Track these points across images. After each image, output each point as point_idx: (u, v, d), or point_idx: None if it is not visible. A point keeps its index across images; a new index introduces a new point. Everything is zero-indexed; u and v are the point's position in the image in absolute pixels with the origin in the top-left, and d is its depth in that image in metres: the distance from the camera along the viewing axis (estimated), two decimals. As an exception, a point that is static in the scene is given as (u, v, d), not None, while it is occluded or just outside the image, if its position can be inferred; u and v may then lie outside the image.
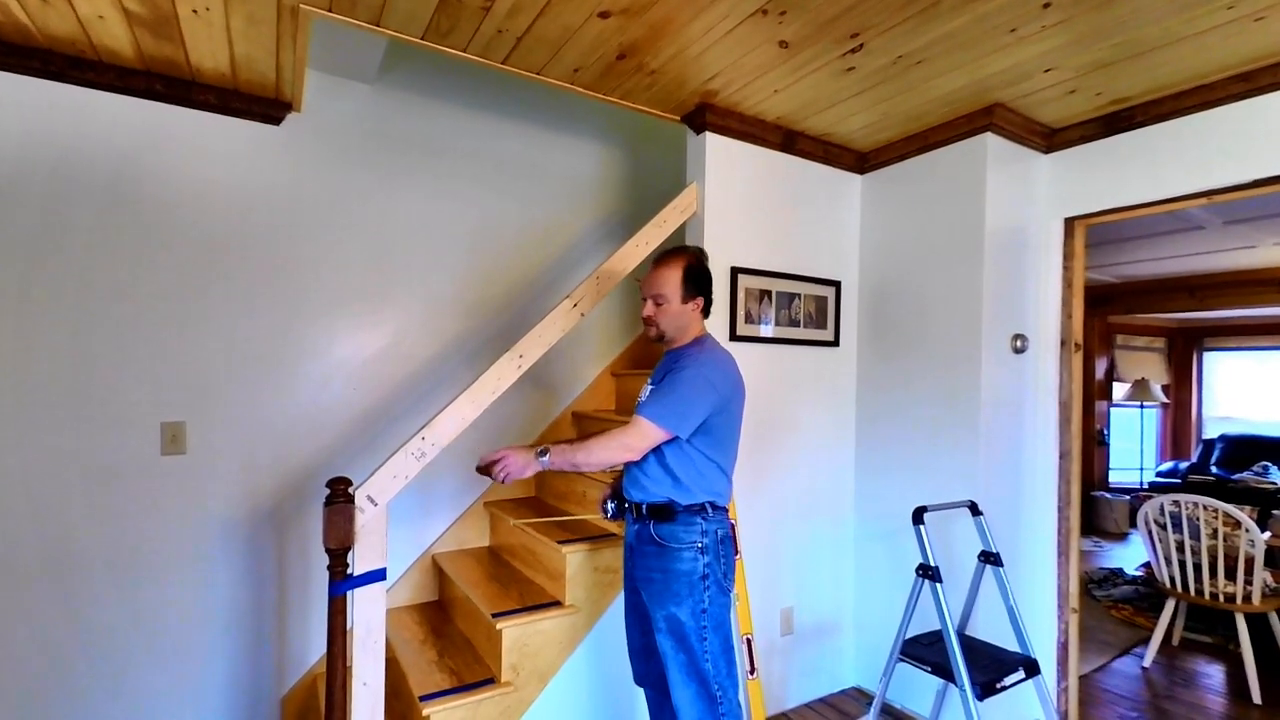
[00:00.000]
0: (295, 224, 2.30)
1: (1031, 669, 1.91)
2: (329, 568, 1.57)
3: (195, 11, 1.66)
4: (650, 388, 1.66)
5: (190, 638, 2.12)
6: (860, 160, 2.69)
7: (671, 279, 1.64)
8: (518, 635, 1.91)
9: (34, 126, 1.90)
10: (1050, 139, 2.39)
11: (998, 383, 2.30)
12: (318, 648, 2.32)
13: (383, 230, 2.48)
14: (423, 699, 1.77)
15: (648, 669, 1.74)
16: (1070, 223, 2.40)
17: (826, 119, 2.35)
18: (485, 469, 1.54)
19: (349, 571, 1.58)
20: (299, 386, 2.31)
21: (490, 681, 1.89)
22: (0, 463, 1.87)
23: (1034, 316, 2.42)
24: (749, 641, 2.17)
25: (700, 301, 1.68)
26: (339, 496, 1.56)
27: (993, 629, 2.13)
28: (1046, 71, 1.95)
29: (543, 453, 1.53)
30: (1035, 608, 2.40)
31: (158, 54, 1.90)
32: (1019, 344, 2.35)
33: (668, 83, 2.09)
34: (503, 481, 1.53)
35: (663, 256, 1.68)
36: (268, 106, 2.21)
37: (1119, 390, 6.56)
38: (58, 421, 1.94)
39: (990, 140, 2.25)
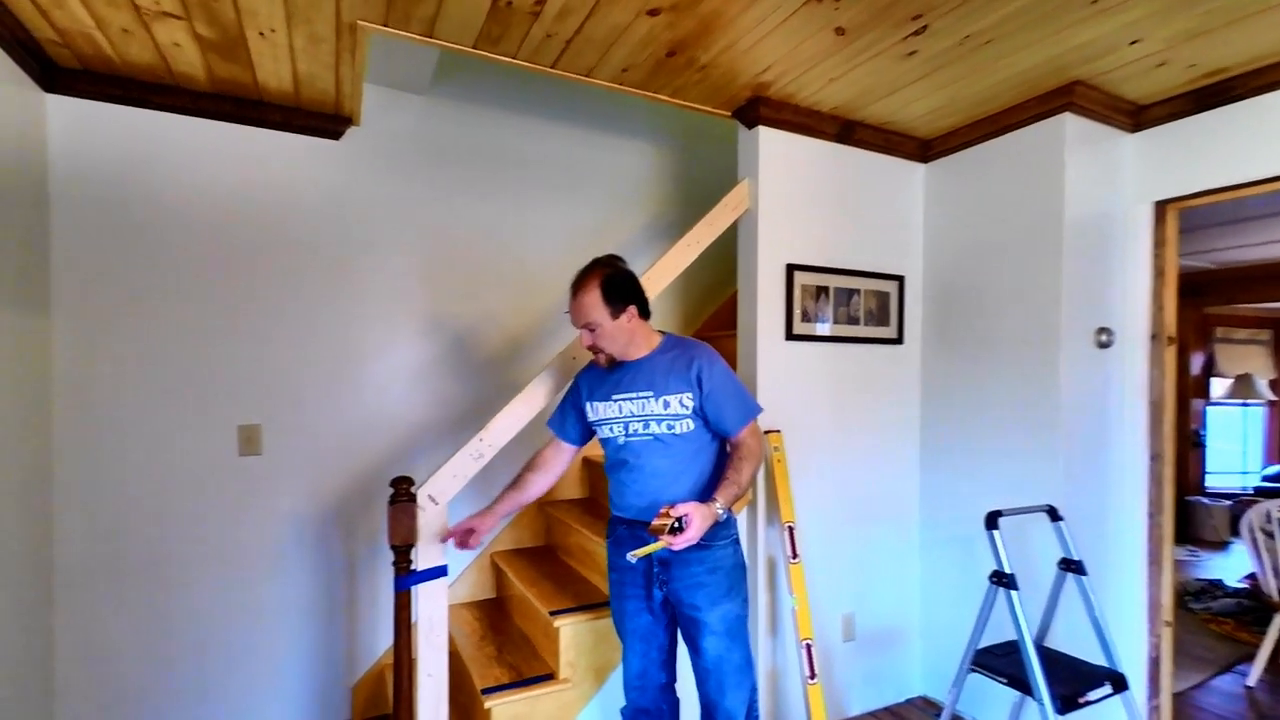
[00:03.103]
0: (355, 234, 2.40)
1: (1119, 684, 1.78)
2: (394, 564, 1.63)
3: (261, 34, 1.75)
4: (642, 396, 1.58)
5: (268, 629, 2.25)
6: (923, 148, 2.57)
7: (591, 303, 1.55)
8: (574, 633, 1.93)
9: (115, 150, 2.04)
10: (1137, 117, 2.21)
11: (1079, 380, 2.15)
12: (384, 640, 2.42)
13: (438, 238, 2.55)
14: (484, 692, 1.82)
15: (647, 688, 1.69)
16: (1161, 206, 2.22)
17: (887, 106, 2.25)
18: (659, 528, 1.38)
19: (412, 567, 1.64)
20: (361, 390, 2.41)
21: (548, 677, 1.92)
22: (101, 467, 2.03)
23: (1120, 309, 2.25)
24: (808, 647, 2.12)
25: (632, 309, 1.58)
26: (402, 495, 1.61)
27: (1074, 641, 2.00)
28: (1133, 44, 1.80)
29: (713, 501, 1.46)
30: (1123, 620, 2.24)
31: (227, 76, 2.01)
32: (1103, 338, 2.19)
33: (718, 77, 2.05)
34: (674, 547, 1.38)
35: (576, 281, 1.59)
36: (328, 121, 2.31)
37: (1218, 387, 6.04)
38: (148, 426, 2.09)
39: (1069, 121, 2.10)
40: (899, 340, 2.56)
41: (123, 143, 2.05)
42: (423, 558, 1.64)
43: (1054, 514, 1.94)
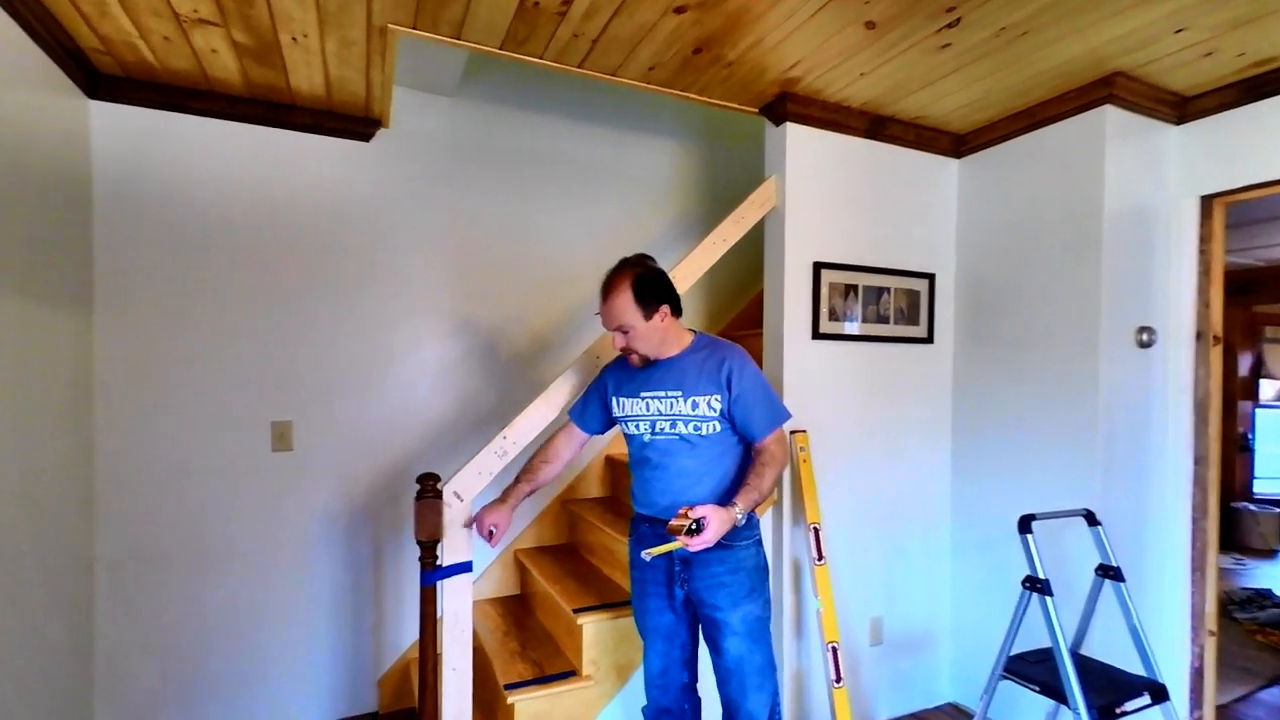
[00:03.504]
0: (384, 235, 2.44)
1: (1159, 695, 1.72)
2: (420, 559, 1.65)
3: (294, 39, 1.79)
4: (671, 395, 1.57)
5: (299, 621, 2.31)
6: (956, 143, 2.51)
7: (624, 305, 1.52)
8: (597, 631, 1.94)
9: (155, 154, 2.10)
10: (1182, 108, 2.13)
11: (1119, 380, 2.09)
12: (410, 634, 2.46)
13: (464, 238, 2.58)
14: (507, 687, 1.84)
15: (669, 687, 1.69)
16: (1207, 201, 2.13)
17: (918, 101, 2.21)
18: (677, 528, 1.39)
19: (438, 563, 1.66)
20: (388, 388, 2.45)
21: (571, 674, 1.93)
22: (140, 461, 2.10)
23: (1163, 307, 2.18)
24: (834, 650, 2.09)
25: (665, 309, 1.56)
26: (428, 492, 1.64)
27: (1112, 650, 1.94)
28: (1178, 33, 1.73)
29: (732, 505, 1.46)
30: (1163, 629, 2.17)
31: (261, 81, 2.06)
32: (1145, 337, 2.12)
33: (746, 74, 2.03)
34: (690, 548, 1.38)
35: (607, 283, 1.56)
36: (359, 124, 2.35)
37: (1268, 389, 5.79)
38: (185, 422, 2.16)
39: (1110, 113, 2.03)
40: (929, 339, 2.51)
41: (162, 147, 2.11)
42: (448, 553, 1.66)
43: (1091, 518, 1.89)
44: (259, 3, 1.61)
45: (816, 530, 2.13)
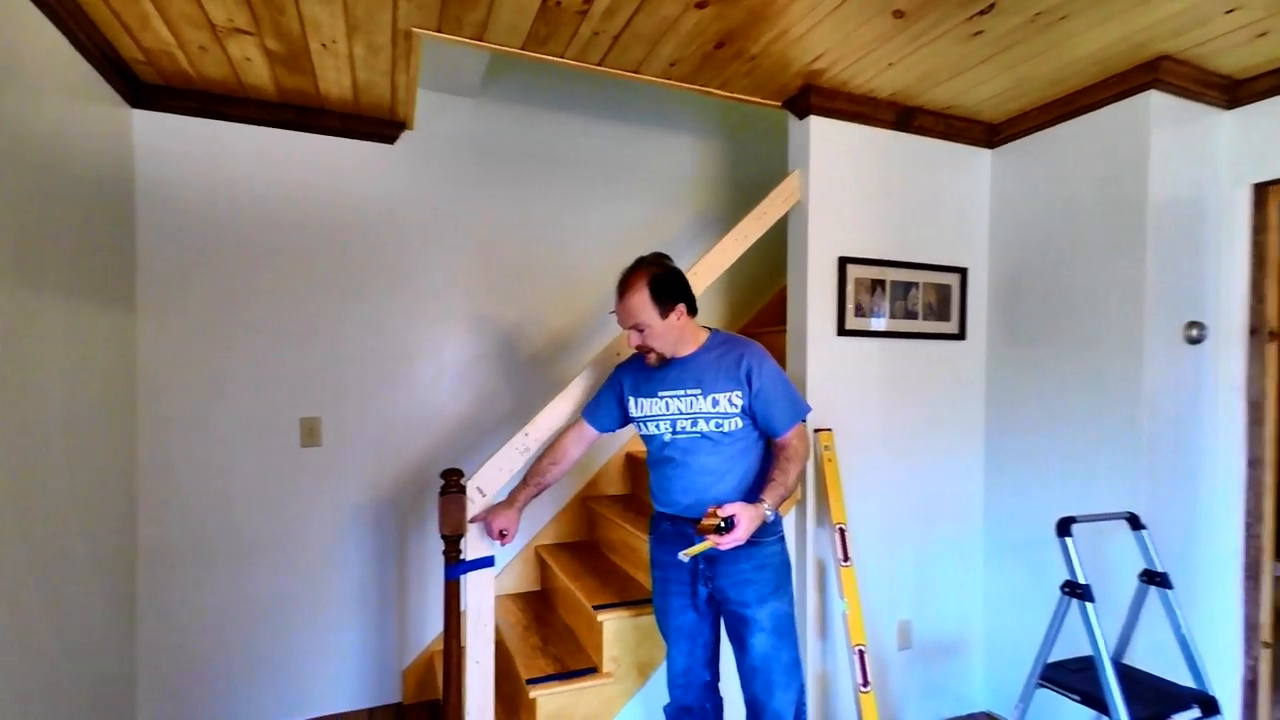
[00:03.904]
0: (409, 235, 2.49)
1: (1209, 707, 1.64)
2: (444, 553, 1.68)
3: (324, 45, 1.83)
4: (690, 394, 1.57)
5: (327, 612, 2.37)
6: (989, 133, 2.43)
7: (640, 303, 1.52)
8: (618, 628, 1.94)
9: (192, 160, 2.18)
10: (1233, 93, 2.02)
11: (1166, 378, 2.00)
12: (434, 627, 2.51)
13: (486, 237, 2.61)
14: (529, 682, 1.86)
15: (691, 685, 1.68)
16: (1261, 189, 2.02)
17: (949, 91, 2.15)
18: (707, 527, 1.38)
19: (461, 557, 1.68)
20: (412, 386, 2.50)
21: (592, 671, 1.94)
22: (178, 456, 2.18)
23: (1213, 301, 2.07)
24: (861, 653, 2.05)
25: (681, 308, 1.56)
26: (452, 487, 1.66)
27: (1157, 660, 1.86)
28: (1229, 13, 1.65)
29: (760, 501, 1.45)
30: (1214, 639, 2.07)
31: (292, 86, 2.12)
32: (1194, 333, 2.02)
33: (769, 67, 2.01)
34: (721, 546, 1.38)
35: (622, 282, 1.57)
36: (384, 127, 2.40)
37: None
38: (219, 417, 2.24)
39: (1154, 99, 1.94)
40: (961, 336, 2.44)
41: (199, 153, 2.19)
42: (471, 548, 1.68)
43: (1135, 522, 1.81)
44: (290, 11, 1.66)
45: (842, 530, 2.09)
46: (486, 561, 1.69)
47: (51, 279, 1.61)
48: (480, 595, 1.68)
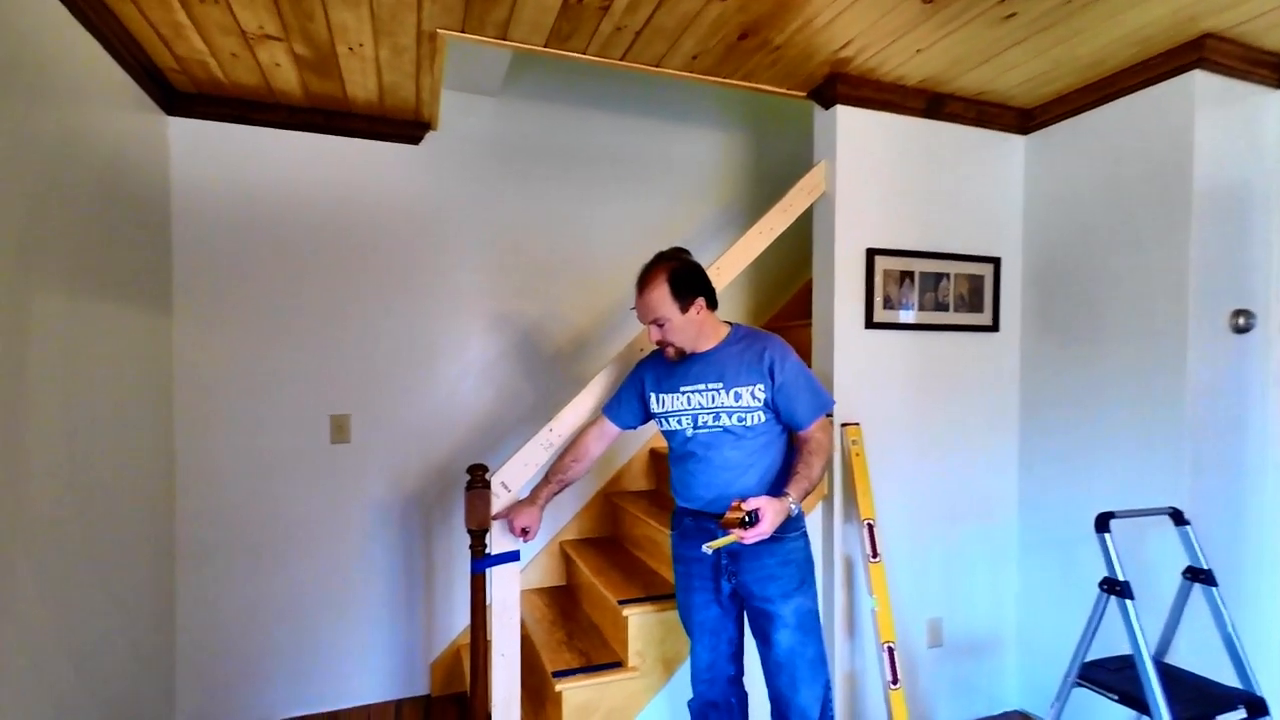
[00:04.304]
0: (434, 234, 2.52)
1: (1256, 709, 1.59)
2: (470, 547, 1.71)
3: (350, 49, 1.86)
4: (712, 388, 1.55)
5: (357, 604, 2.43)
6: (1023, 119, 2.36)
7: (659, 298, 1.52)
8: (642, 623, 1.95)
9: (224, 165, 2.23)
10: (1286, 68, 1.93)
11: (1211, 368, 1.92)
12: (461, 620, 2.55)
13: (509, 236, 2.63)
14: (555, 674, 1.88)
15: (716, 680, 1.68)
16: (1316, 170, 1.92)
17: (980, 76, 2.09)
18: (732, 521, 1.38)
19: (487, 551, 1.71)
20: (438, 383, 2.54)
21: (617, 665, 1.95)
22: (214, 453, 2.25)
23: (1262, 289, 1.99)
24: (890, 650, 2.03)
25: (701, 302, 1.55)
26: (477, 482, 1.68)
27: (1201, 659, 1.80)
28: (1278, -16, 1.57)
29: (785, 495, 1.44)
30: (1262, 638, 1.99)
31: (320, 91, 2.16)
32: (1241, 321, 1.94)
33: (794, 57, 1.98)
34: (745, 541, 1.37)
35: (642, 277, 1.57)
36: (409, 128, 2.43)
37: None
38: (253, 415, 2.30)
39: (1199, 79, 1.86)
40: (994, 327, 2.38)
41: (231, 158, 2.25)
42: (496, 542, 1.70)
43: (1179, 517, 1.75)
44: (318, 16, 1.69)
45: (870, 526, 2.06)
46: (512, 556, 1.71)
47: (97, 283, 1.68)
48: (506, 589, 1.70)
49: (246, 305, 2.29)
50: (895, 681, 2.01)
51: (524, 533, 1.66)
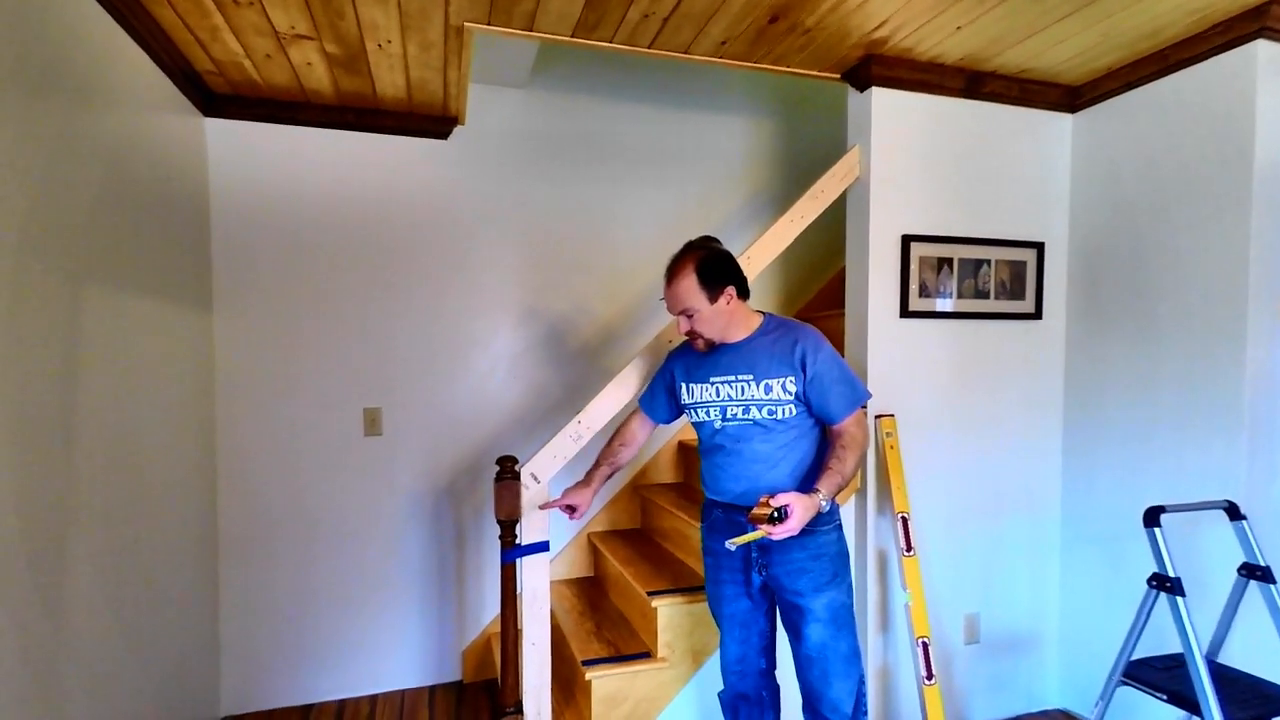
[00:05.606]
0: (463, 228, 2.54)
1: (1317, 711, 1.51)
2: (500, 538, 1.73)
3: (379, 45, 1.88)
4: (742, 380, 1.53)
5: (391, 593, 2.49)
6: (1070, 96, 2.25)
7: (688, 288, 1.49)
8: (671, 614, 1.95)
9: (259, 164, 2.28)
10: (1361, 34, 1.79)
11: (1270, 354, 1.83)
12: (491, 609, 2.60)
13: (536, 228, 2.64)
14: (584, 663, 1.90)
15: (746, 673, 1.67)
16: (1394, 144, 1.79)
17: (1024, 51, 1.99)
18: (759, 516, 1.36)
19: (517, 541, 1.73)
20: (468, 376, 2.57)
21: (646, 655, 1.96)
22: (253, 447, 2.32)
23: (1330, 273, 1.86)
24: (925, 646, 1.99)
25: (730, 291, 1.51)
26: (507, 473, 1.71)
27: (1257, 660, 1.72)
28: (1355, -58, 1.45)
29: (815, 491, 1.42)
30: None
31: (350, 88, 2.19)
32: (1305, 308, 1.83)
33: (826, 39, 1.92)
34: (773, 537, 1.36)
35: (671, 267, 1.54)
36: (438, 123, 2.45)
37: None
38: (290, 409, 2.36)
39: (1262, 49, 1.75)
40: (1037, 315, 2.29)
41: (265, 157, 2.30)
42: (526, 533, 1.72)
43: (1234, 512, 1.67)
44: (348, 14, 1.71)
45: (905, 520, 2.02)
46: (541, 546, 1.73)
47: (145, 284, 1.75)
48: (535, 579, 1.72)
49: (281, 302, 2.35)
50: (930, 677, 1.98)
51: (571, 510, 1.66)
